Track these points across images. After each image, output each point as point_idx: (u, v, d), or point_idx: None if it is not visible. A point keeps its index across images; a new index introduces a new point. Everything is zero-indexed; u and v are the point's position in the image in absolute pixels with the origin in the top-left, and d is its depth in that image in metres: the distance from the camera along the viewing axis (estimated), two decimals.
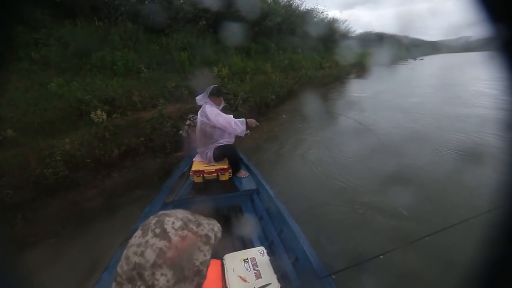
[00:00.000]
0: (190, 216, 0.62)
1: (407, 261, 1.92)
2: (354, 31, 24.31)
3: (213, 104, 2.51)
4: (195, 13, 7.93)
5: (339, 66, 16.88)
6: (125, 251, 0.55)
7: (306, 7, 16.00)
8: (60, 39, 5.51)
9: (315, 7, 17.05)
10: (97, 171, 3.27)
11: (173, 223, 0.57)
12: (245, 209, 2.27)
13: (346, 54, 18.62)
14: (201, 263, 0.58)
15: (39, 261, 2.22)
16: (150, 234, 0.54)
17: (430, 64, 30.17)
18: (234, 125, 2.47)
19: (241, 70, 7.97)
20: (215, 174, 2.55)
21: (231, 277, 1.28)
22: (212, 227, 0.64)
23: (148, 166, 3.63)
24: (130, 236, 0.64)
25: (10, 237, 2.31)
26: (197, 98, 2.61)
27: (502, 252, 0.39)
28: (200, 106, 2.62)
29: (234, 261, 1.38)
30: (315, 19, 16.78)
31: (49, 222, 2.48)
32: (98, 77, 5.14)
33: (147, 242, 0.53)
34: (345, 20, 20.56)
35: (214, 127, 2.49)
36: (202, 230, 0.60)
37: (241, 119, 2.55)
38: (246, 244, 1.80)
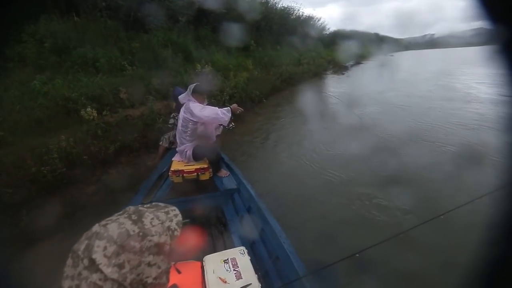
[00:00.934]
0: (131, 227, 0.51)
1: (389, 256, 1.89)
2: (328, 29, 25.02)
3: (196, 102, 2.48)
4: (176, 9, 7.87)
5: (316, 62, 17.39)
6: (62, 282, 0.47)
7: (283, 5, 16.27)
8: (34, 35, 5.28)
9: (292, 5, 17.41)
10: (94, 168, 3.27)
11: (105, 248, 0.47)
12: (226, 209, 2.24)
13: (321, 51, 19.30)
14: (155, 278, 0.52)
15: (47, 256, 2.25)
16: (81, 265, 0.46)
17: (400, 60, 31.93)
18: (221, 114, 2.43)
19: (224, 67, 8.07)
20: (195, 173, 2.49)
21: (210, 279, 1.27)
22: (168, 225, 0.55)
23: (144, 162, 3.67)
24: None
25: (15, 234, 2.32)
26: (179, 96, 2.56)
27: (502, 252, 0.39)
28: (181, 105, 2.57)
29: (214, 262, 1.36)
30: (292, 17, 17.12)
31: (54, 218, 2.49)
32: (81, 75, 5.02)
33: (80, 274, 0.46)
34: (320, 18, 21.06)
35: (197, 123, 2.46)
36: (149, 241, 0.51)
37: (226, 108, 2.50)
38: (227, 244, 1.78)
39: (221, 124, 2.63)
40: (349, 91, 10.30)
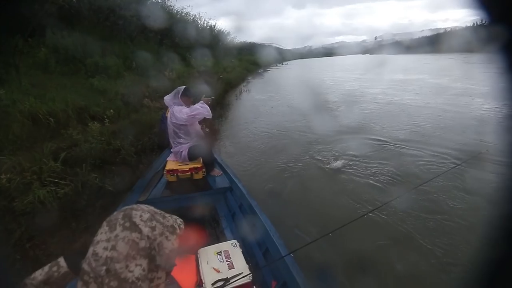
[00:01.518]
0: (155, 209, 0.65)
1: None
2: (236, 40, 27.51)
3: (183, 105, 2.50)
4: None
5: (236, 70, 19.27)
6: (91, 248, 0.54)
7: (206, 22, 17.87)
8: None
9: (212, 22, 19.10)
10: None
11: (141, 215, 0.59)
12: (219, 206, 2.31)
13: (235, 61, 21.46)
14: (170, 251, 0.60)
15: None
16: (119, 228, 0.55)
17: (293, 67, 38.23)
18: (200, 108, 2.43)
19: (182, 74, 8.66)
20: (189, 173, 2.55)
21: (205, 269, 1.34)
22: (175, 220, 0.67)
23: None
24: None
25: None
26: (165, 97, 2.58)
27: (501, 252, 0.39)
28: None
29: (208, 254, 1.43)
30: (213, 32, 18.75)
31: None
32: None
33: (117, 236, 0.54)
34: (229, 31, 23.27)
35: (182, 125, 2.51)
36: (168, 221, 0.63)
37: (199, 102, 2.51)
38: (220, 239, 1.86)
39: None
40: (274, 88, 12.81)
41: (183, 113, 2.42)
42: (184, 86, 2.58)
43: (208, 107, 2.47)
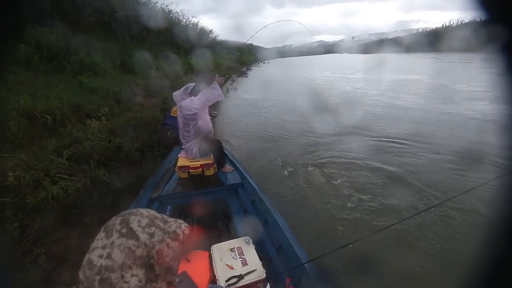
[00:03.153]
0: (156, 214, 0.62)
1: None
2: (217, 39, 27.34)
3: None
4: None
5: (219, 68, 19.19)
6: (87, 256, 0.51)
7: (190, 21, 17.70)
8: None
9: (195, 20, 18.88)
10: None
11: (139, 221, 0.56)
12: (231, 202, 2.32)
13: (218, 58, 21.38)
14: (171, 259, 0.57)
15: None
16: (115, 235, 0.52)
17: (274, 65, 38.70)
18: (213, 90, 2.42)
19: (167, 73, 8.58)
20: (200, 169, 2.55)
21: (218, 266, 1.33)
22: (179, 225, 0.64)
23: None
24: None
25: None
26: (174, 93, 2.59)
27: (502, 252, 0.39)
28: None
29: (221, 251, 1.42)
30: (197, 31, 18.60)
31: None
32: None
33: (112, 243, 0.51)
34: (212, 29, 23.09)
35: (196, 118, 2.48)
36: (169, 227, 0.60)
37: (213, 83, 2.48)
38: (232, 235, 1.86)
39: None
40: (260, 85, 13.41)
41: (194, 102, 2.41)
42: (193, 83, 2.56)
43: (220, 89, 2.47)
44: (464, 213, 2.67)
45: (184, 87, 2.58)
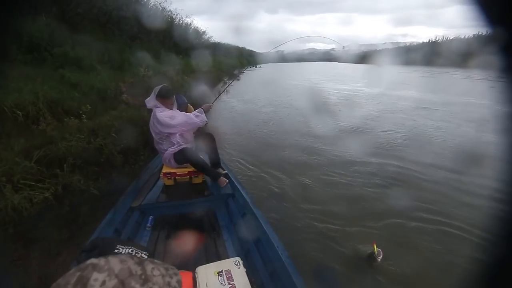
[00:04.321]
0: (134, 267, 0.43)
1: None
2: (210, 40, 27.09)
3: (163, 107, 2.18)
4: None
5: (211, 70, 18.93)
6: None
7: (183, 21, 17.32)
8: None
9: (188, 20, 18.48)
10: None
11: (103, 283, 0.38)
12: (220, 214, 2.14)
13: (210, 61, 21.13)
14: None
15: None
16: None
17: (266, 70, 38.79)
18: (195, 118, 2.20)
19: (158, 72, 8.25)
20: (188, 176, 2.32)
21: None
22: (168, 281, 0.46)
23: None
24: (81, 259, 0.58)
25: None
26: (146, 100, 2.26)
27: (502, 253, 0.39)
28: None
29: (207, 274, 1.28)
30: (190, 31, 18.18)
31: None
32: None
33: None
34: (205, 30, 22.79)
35: (168, 133, 2.19)
36: (154, 284, 0.43)
37: (198, 109, 2.31)
38: (220, 253, 1.70)
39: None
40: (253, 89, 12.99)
41: (175, 121, 2.15)
42: (160, 86, 2.21)
43: (204, 117, 2.29)
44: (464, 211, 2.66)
45: (153, 90, 2.25)
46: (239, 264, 1.34)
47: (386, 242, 2.21)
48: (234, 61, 30.19)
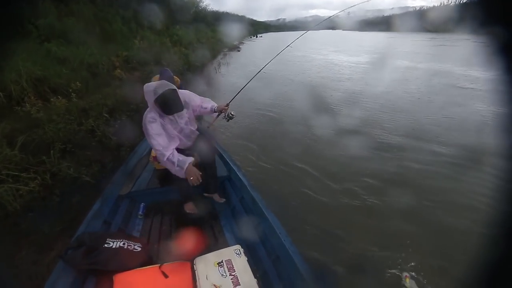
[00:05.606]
0: None
1: None
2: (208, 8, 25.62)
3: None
4: None
5: (210, 41, 18.01)
6: None
7: None
8: None
9: None
10: None
11: None
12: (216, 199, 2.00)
13: (209, 32, 20.05)
14: None
15: None
16: None
17: (267, 40, 37.14)
18: (168, 159, 1.59)
19: (153, 43, 7.76)
20: None
21: (204, 286, 1.13)
22: None
23: None
24: (67, 258, 0.54)
25: None
26: (148, 85, 1.59)
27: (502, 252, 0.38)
28: None
29: (207, 265, 1.21)
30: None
31: None
32: None
33: None
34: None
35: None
36: None
37: (211, 107, 1.87)
38: (219, 241, 1.60)
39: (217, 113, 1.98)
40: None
41: (153, 142, 1.59)
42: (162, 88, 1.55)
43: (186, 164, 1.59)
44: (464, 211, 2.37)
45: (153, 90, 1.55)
46: (240, 253, 1.28)
47: None
48: (234, 32, 28.73)
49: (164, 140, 1.61)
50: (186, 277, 1.16)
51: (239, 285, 1.14)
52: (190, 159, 1.61)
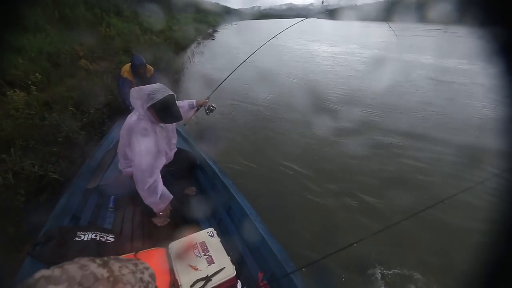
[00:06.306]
0: (98, 270, 0.38)
1: None
2: None
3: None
4: None
5: (183, 29, 17.33)
6: None
7: None
8: None
9: None
10: None
11: None
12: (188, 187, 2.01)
13: (181, 19, 19.25)
14: None
15: None
16: None
17: (242, 27, 36.46)
18: (148, 192, 1.39)
19: (121, 31, 7.33)
20: None
21: (180, 268, 1.16)
22: (140, 277, 0.43)
23: None
24: (35, 254, 0.53)
25: None
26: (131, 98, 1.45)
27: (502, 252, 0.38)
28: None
29: (181, 249, 1.25)
30: None
31: None
32: None
33: None
34: None
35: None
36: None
37: (190, 102, 1.86)
38: (193, 228, 1.58)
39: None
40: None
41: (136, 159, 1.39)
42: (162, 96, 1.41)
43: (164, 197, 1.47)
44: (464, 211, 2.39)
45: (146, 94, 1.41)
46: (213, 235, 1.32)
47: None
48: (208, 19, 27.85)
49: (152, 161, 1.38)
50: (162, 262, 1.17)
51: (214, 263, 1.18)
52: (171, 197, 1.47)
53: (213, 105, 2.01)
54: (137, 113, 1.43)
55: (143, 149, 1.36)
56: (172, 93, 1.43)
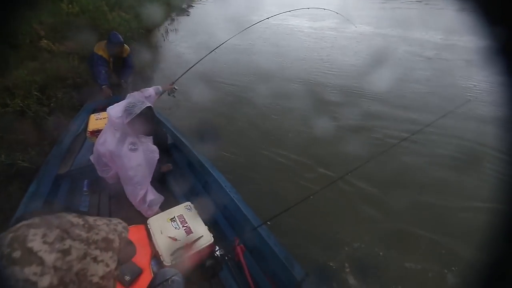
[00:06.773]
0: (74, 219, 0.43)
1: None
2: None
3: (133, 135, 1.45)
4: None
5: (154, 4, 16.28)
6: None
7: None
8: None
9: None
10: None
11: (44, 235, 0.37)
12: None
13: None
14: (101, 277, 0.41)
15: None
16: (3, 262, 0.34)
17: (220, 2, 34.76)
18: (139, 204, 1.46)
19: (88, 8, 6.79)
20: None
21: (160, 240, 1.20)
22: (113, 227, 0.47)
23: None
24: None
25: None
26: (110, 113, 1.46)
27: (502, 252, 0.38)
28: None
29: (160, 222, 1.29)
30: None
31: None
32: None
33: None
34: None
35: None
36: (96, 234, 0.43)
37: (155, 87, 1.94)
38: (170, 203, 1.59)
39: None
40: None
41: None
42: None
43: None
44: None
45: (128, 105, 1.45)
46: (191, 208, 1.38)
47: None
48: None
49: (143, 172, 1.43)
50: (142, 236, 1.21)
51: (192, 233, 1.24)
52: (162, 199, 1.53)
53: (175, 87, 2.14)
54: (119, 133, 1.43)
55: (134, 165, 1.40)
56: (149, 104, 1.46)
